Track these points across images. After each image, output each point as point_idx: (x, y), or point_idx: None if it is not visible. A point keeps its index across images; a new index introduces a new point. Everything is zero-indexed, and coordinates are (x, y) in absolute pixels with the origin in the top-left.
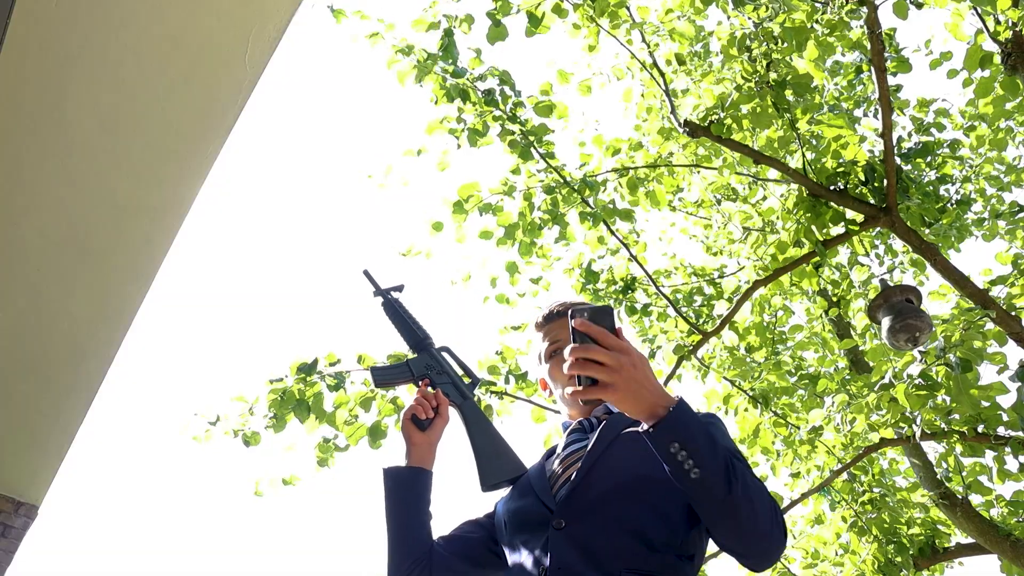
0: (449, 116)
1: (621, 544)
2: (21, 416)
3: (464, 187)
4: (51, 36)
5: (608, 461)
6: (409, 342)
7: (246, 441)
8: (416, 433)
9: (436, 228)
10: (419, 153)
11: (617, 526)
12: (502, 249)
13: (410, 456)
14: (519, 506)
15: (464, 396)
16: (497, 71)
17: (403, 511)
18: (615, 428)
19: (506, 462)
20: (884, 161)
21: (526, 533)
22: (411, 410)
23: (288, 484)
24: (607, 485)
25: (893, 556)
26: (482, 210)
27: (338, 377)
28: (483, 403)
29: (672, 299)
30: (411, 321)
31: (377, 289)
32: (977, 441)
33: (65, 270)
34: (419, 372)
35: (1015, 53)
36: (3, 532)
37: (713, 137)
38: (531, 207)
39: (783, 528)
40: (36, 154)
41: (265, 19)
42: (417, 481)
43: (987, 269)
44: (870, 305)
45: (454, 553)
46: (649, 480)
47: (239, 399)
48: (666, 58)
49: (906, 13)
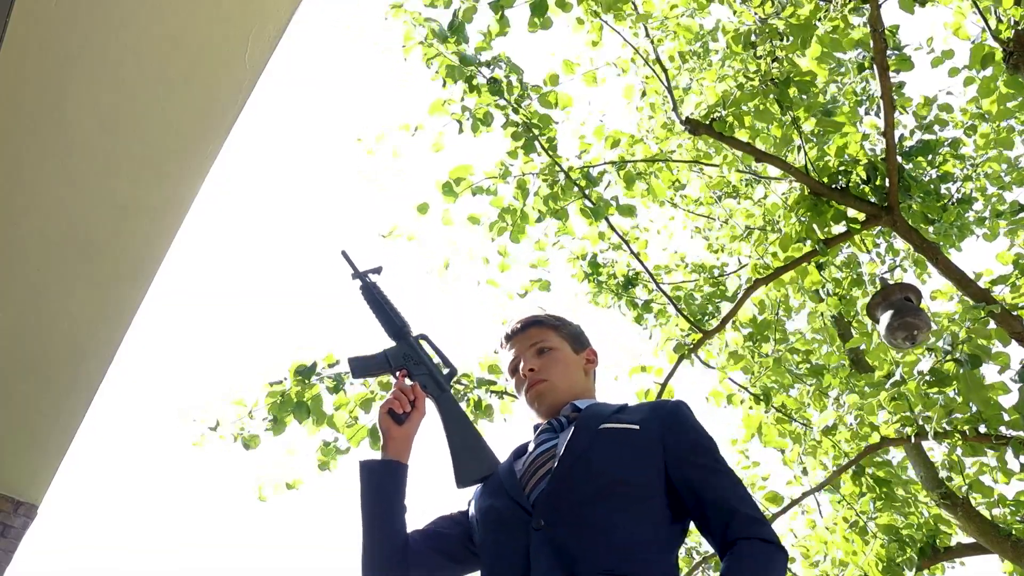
0: (452, 99)
1: (601, 545)
2: (21, 416)
3: (456, 168)
4: (51, 36)
5: (588, 461)
6: (387, 330)
7: (245, 444)
8: (393, 427)
9: (421, 210)
10: (416, 130)
11: (597, 527)
12: (494, 233)
13: (386, 449)
14: (492, 505)
15: (441, 388)
16: (506, 57)
17: (379, 504)
18: (592, 425)
19: (482, 459)
20: (886, 160)
21: (502, 533)
22: (388, 404)
23: (292, 488)
24: (588, 486)
25: (896, 556)
26: (474, 192)
27: (337, 379)
28: (484, 403)
29: (672, 297)
30: (389, 308)
31: (355, 271)
32: (978, 441)
33: (65, 270)
34: (396, 363)
35: (1017, 52)
36: (3, 532)
37: (715, 135)
38: (525, 194)
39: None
40: (36, 154)
41: (265, 19)
42: (393, 474)
43: (988, 269)
44: (869, 303)
45: (431, 548)
46: (630, 481)
47: (238, 403)
48: (669, 54)
49: (912, 7)
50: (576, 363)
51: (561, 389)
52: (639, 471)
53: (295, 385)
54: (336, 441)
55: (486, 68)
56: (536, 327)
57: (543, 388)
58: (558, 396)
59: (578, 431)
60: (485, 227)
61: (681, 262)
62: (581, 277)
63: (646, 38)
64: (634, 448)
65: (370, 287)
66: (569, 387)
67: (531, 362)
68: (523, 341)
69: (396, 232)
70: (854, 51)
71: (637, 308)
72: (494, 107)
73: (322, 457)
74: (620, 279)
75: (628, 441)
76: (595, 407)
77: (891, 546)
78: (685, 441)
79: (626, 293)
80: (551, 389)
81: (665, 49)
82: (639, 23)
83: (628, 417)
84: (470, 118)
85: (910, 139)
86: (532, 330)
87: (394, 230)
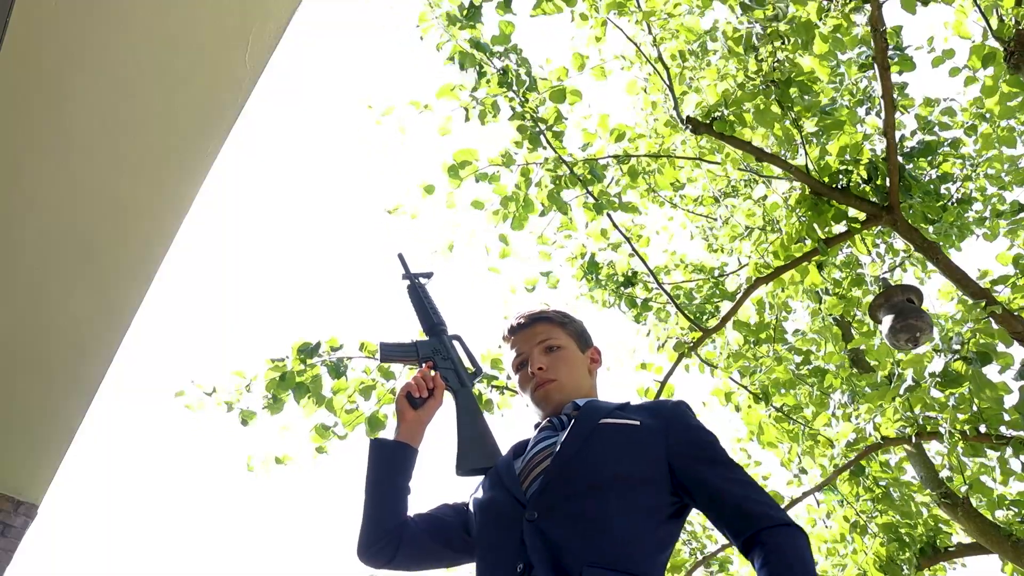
0: (463, 85)
1: (593, 538)
2: (21, 416)
3: (461, 151)
4: (51, 36)
5: (585, 456)
6: (424, 325)
7: (243, 421)
8: (408, 410)
9: (428, 191)
10: (425, 108)
11: (590, 521)
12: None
13: (399, 431)
14: (489, 498)
15: (462, 383)
16: (518, 50)
17: (383, 483)
18: (591, 420)
19: (485, 451)
20: (887, 159)
21: (498, 525)
22: (407, 387)
23: (280, 463)
24: (583, 480)
25: (895, 555)
26: (478, 178)
27: (338, 363)
28: (484, 398)
29: (672, 295)
30: (430, 306)
31: (407, 273)
32: (979, 441)
33: (65, 270)
34: (424, 354)
35: (1018, 51)
36: (3, 531)
37: (715, 134)
38: (528, 182)
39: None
40: (36, 154)
41: (265, 19)
42: (402, 456)
43: (988, 270)
44: (871, 304)
45: (426, 531)
46: (626, 476)
47: (238, 373)
48: (671, 53)
49: (914, 7)
50: (582, 362)
51: (568, 389)
52: (637, 466)
53: (296, 363)
54: (335, 426)
55: (497, 59)
56: (543, 323)
57: (552, 388)
58: (565, 395)
59: (577, 426)
60: (487, 214)
61: (681, 262)
62: (580, 275)
63: (648, 35)
64: (633, 444)
65: (417, 287)
66: (576, 387)
67: (539, 360)
68: (529, 337)
69: (400, 209)
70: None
71: (636, 307)
72: (503, 98)
73: (317, 439)
74: (619, 278)
75: (627, 437)
76: (595, 403)
77: (890, 545)
78: (690, 438)
79: (625, 291)
80: (559, 389)
81: (667, 48)
82: (643, 20)
83: (628, 414)
84: (478, 106)
85: (911, 139)
86: (539, 326)
87: (399, 207)
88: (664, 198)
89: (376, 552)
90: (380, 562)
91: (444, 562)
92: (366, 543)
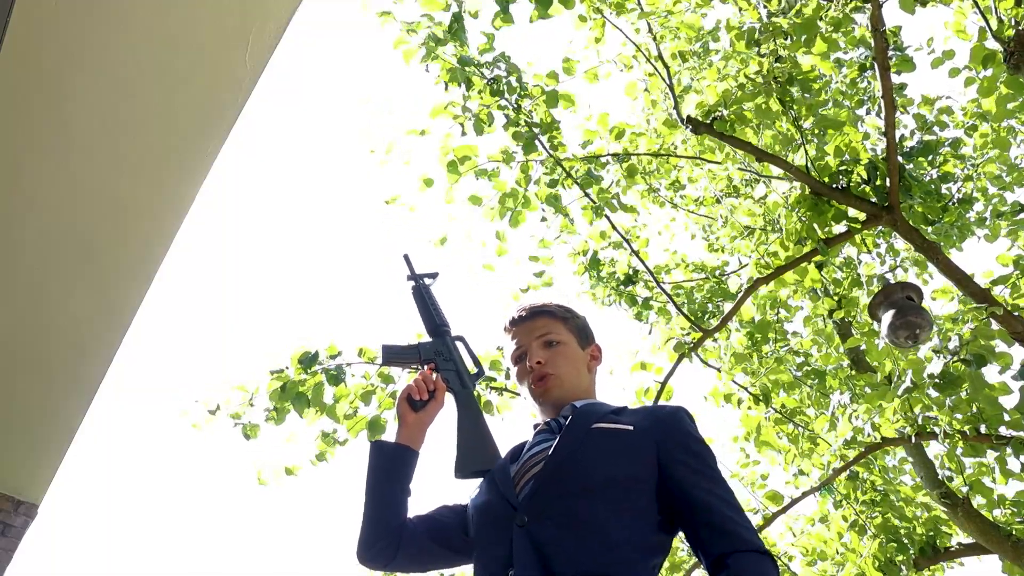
0: (455, 101)
1: (582, 544)
2: (21, 415)
3: (461, 147)
4: (51, 36)
5: (577, 459)
6: (427, 326)
7: (246, 435)
8: (409, 413)
9: (427, 184)
10: (422, 133)
11: (580, 525)
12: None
13: (400, 434)
14: (484, 501)
15: (464, 385)
16: (506, 58)
17: (383, 485)
18: (584, 424)
19: (484, 454)
20: (887, 159)
21: (490, 528)
22: (408, 390)
23: (290, 474)
24: (574, 484)
25: (894, 555)
26: (477, 174)
27: (338, 370)
28: (483, 399)
29: (672, 295)
30: (433, 308)
31: (412, 273)
32: (979, 441)
33: (65, 270)
34: (427, 356)
35: (1018, 52)
36: (3, 531)
37: (715, 134)
38: (527, 179)
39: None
40: (36, 154)
41: (265, 19)
42: (402, 458)
43: (988, 271)
44: (871, 302)
45: (425, 532)
46: (618, 480)
47: (240, 388)
48: (671, 52)
49: (913, 8)
50: (582, 359)
51: (566, 385)
52: (628, 471)
53: (297, 373)
54: (335, 432)
55: (486, 69)
56: (544, 317)
57: (551, 382)
58: (564, 392)
59: (570, 429)
60: (484, 210)
61: (682, 262)
62: (581, 271)
63: (648, 34)
64: (625, 448)
65: (421, 288)
66: (575, 384)
67: (538, 354)
68: (530, 330)
69: (399, 200)
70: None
71: (637, 305)
72: (495, 108)
73: (322, 446)
74: (620, 276)
75: (619, 441)
76: (591, 406)
77: (889, 545)
78: (680, 443)
79: (626, 290)
80: (558, 384)
81: (667, 47)
82: (642, 20)
83: (623, 419)
84: (472, 118)
85: (911, 139)
86: (540, 320)
87: (396, 198)
88: (665, 198)
89: (376, 553)
90: (380, 563)
91: (443, 563)
92: (366, 544)
